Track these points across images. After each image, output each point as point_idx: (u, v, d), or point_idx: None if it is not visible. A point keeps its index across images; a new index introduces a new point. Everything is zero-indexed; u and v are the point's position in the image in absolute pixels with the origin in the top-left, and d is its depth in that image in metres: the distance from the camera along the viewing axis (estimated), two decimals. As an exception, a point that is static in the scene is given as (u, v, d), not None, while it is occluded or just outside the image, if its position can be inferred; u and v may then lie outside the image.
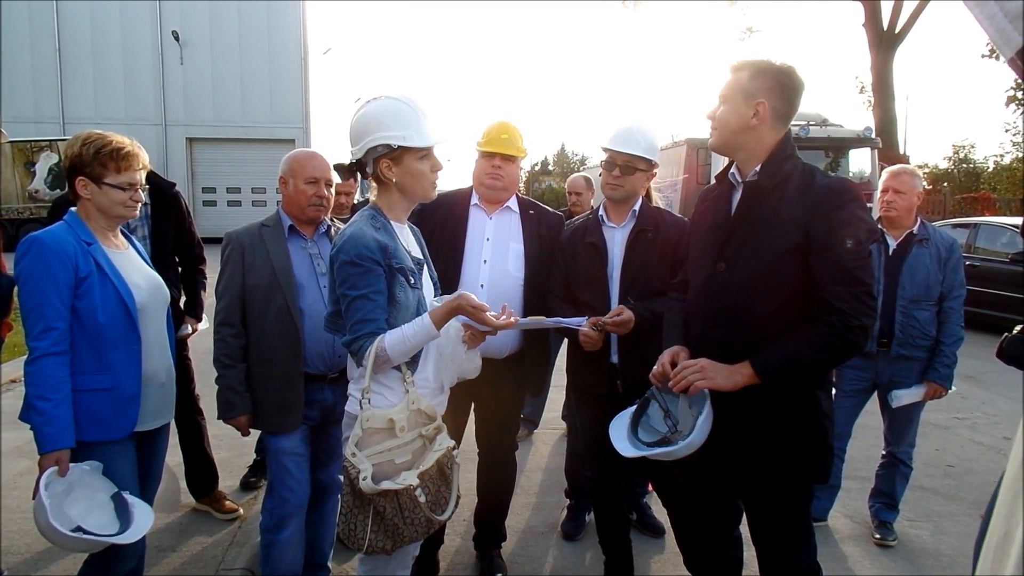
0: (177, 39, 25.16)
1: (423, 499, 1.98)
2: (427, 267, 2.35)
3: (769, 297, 2.06)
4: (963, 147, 33.78)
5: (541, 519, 3.92)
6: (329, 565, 3.08)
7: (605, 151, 2.86)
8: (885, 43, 19.39)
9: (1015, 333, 2.38)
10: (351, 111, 2.23)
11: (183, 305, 3.71)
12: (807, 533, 2.24)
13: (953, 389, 3.55)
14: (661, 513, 3.58)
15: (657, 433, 2.24)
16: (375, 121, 2.12)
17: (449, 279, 2.84)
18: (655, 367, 2.24)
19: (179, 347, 3.45)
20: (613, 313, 2.67)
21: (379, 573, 2.20)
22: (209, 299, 3.96)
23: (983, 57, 23.26)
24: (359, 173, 2.23)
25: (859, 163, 13.92)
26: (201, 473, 3.80)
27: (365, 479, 1.91)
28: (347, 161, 2.23)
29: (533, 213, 3.10)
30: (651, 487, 3.78)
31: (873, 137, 13.81)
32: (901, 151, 20.95)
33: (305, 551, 2.97)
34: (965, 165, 33.38)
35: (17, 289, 2.20)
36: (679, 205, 13.99)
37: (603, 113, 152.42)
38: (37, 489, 2.05)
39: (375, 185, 2.21)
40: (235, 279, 2.69)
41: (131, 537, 2.16)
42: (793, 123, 2.20)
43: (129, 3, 24.54)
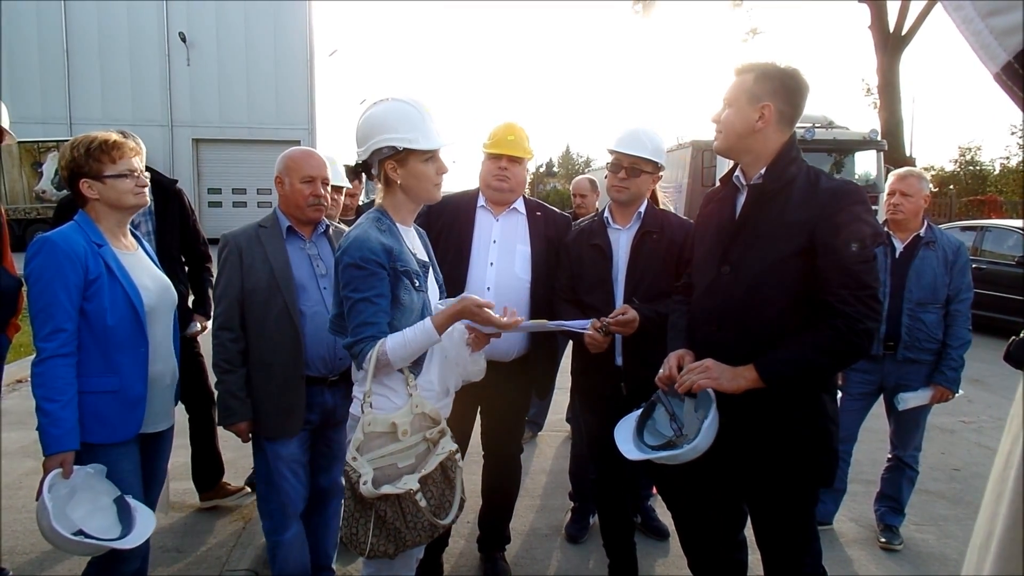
0: (184, 41, 25.24)
1: (424, 503, 1.98)
2: (432, 270, 2.35)
3: (774, 300, 2.06)
4: (969, 149, 33.62)
5: (545, 521, 3.92)
6: (333, 567, 3.08)
7: (611, 153, 2.86)
8: (891, 45, 19.34)
9: (1022, 336, 2.37)
10: (357, 113, 2.23)
11: (191, 303, 3.72)
12: (812, 537, 2.24)
13: (960, 393, 3.53)
14: (665, 516, 3.57)
15: (662, 437, 2.23)
16: (381, 123, 2.13)
17: (455, 281, 2.84)
18: (661, 370, 2.24)
19: (190, 344, 3.48)
20: (617, 312, 2.67)
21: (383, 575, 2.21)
22: (215, 298, 3.98)
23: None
24: (364, 174, 2.23)
25: (865, 165, 13.88)
26: (208, 466, 3.82)
27: (365, 483, 1.91)
28: (353, 163, 2.23)
29: (540, 215, 3.10)
30: (655, 490, 3.77)
31: (879, 139, 13.77)
32: (907, 153, 20.91)
33: (309, 554, 2.97)
34: (971, 168, 33.23)
35: (26, 289, 2.20)
36: (683, 208, 13.97)
37: (608, 115, 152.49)
38: (40, 491, 2.05)
39: (381, 187, 2.21)
40: (233, 282, 2.64)
41: (132, 542, 2.16)
42: (798, 125, 2.20)
43: (136, 5, 24.63)
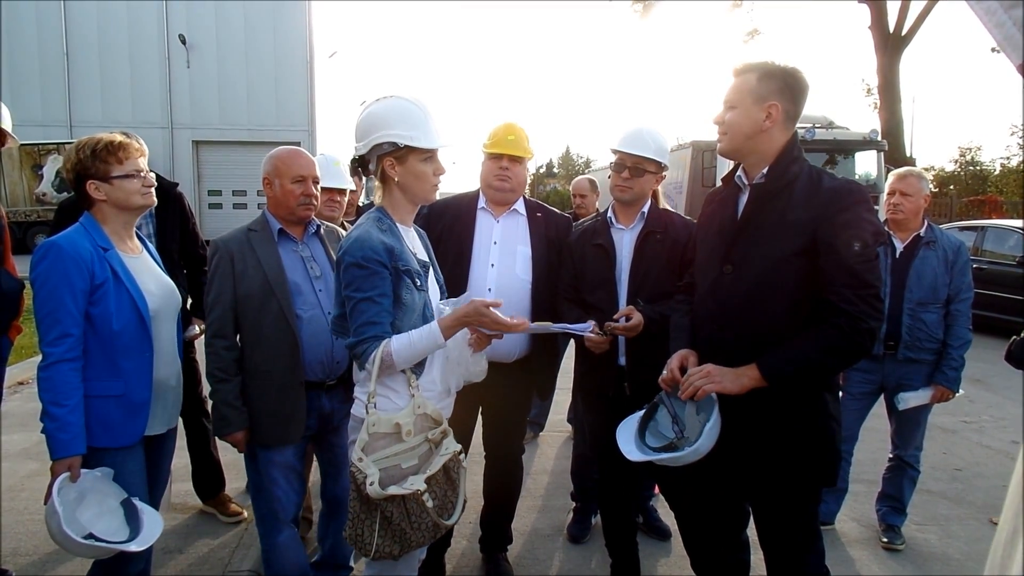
0: (184, 43, 25.22)
1: (431, 504, 1.98)
2: (433, 270, 2.35)
3: (776, 299, 2.06)
4: (970, 150, 33.64)
5: (547, 522, 3.92)
6: (351, 565, 3.08)
7: (615, 153, 2.86)
8: (891, 45, 19.35)
9: (1023, 336, 2.37)
10: (357, 114, 2.23)
11: (189, 306, 3.72)
12: (815, 536, 2.23)
13: (961, 392, 3.54)
14: (668, 516, 3.57)
15: (664, 438, 2.23)
16: (382, 119, 2.13)
17: (457, 283, 2.84)
18: (664, 372, 2.24)
19: (186, 349, 3.46)
20: (622, 314, 2.67)
21: None
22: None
23: (993, 51, 23.07)
24: (361, 171, 2.24)
25: (865, 166, 13.87)
26: (207, 475, 3.81)
27: (372, 484, 1.91)
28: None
29: (540, 215, 3.10)
30: (657, 490, 3.78)
31: (879, 139, 13.77)
32: (907, 154, 20.92)
33: (327, 554, 2.96)
34: (972, 168, 33.25)
35: (32, 293, 2.20)
36: (684, 208, 13.98)
37: (608, 116, 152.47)
38: (49, 495, 2.06)
39: (380, 186, 2.21)
40: (226, 289, 2.55)
41: (142, 544, 2.17)
42: (799, 125, 2.20)
43: (136, 7, 24.61)
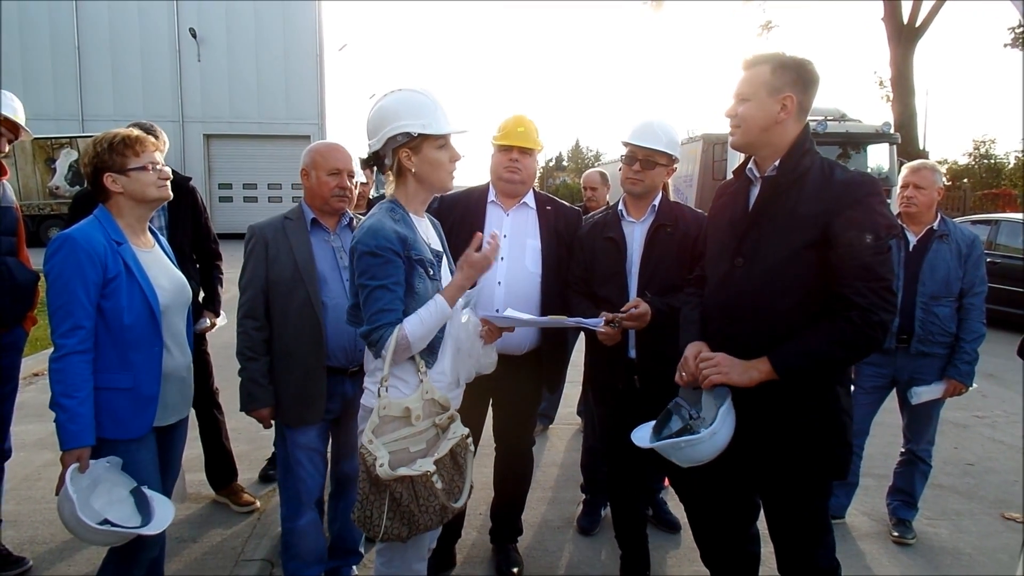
0: (194, 36, 25.33)
1: (439, 485, 2.01)
2: (447, 259, 2.37)
3: (788, 292, 2.06)
4: (984, 142, 33.24)
5: (557, 514, 3.93)
6: (361, 551, 3.12)
7: (626, 145, 2.85)
8: (905, 37, 19.17)
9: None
10: (366, 107, 2.24)
11: (201, 300, 3.75)
12: (825, 530, 2.23)
13: (974, 387, 3.52)
14: (677, 509, 3.58)
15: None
16: (393, 112, 2.14)
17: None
18: (679, 371, 2.23)
19: (198, 341, 3.50)
20: (630, 305, 2.67)
21: (396, 564, 2.22)
22: (226, 294, 4.00)
23: (1006, 46, 22.84)
24: (376, 167, 2.25)
25: (878, 158, 13.77)
26: (220, 466, 3.85)
27: (382, 465, 1.94)
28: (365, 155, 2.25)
29: (550, 208, 3.10)
30: (667, 483, 3.78)
31: (892, 132, 13.67)
32: (921, 146, 20.74)
33: (336, 539, 3.03)
34: (986, 161, 32.87)
35: (45, 285, 2.22)
36: (694, 201, 13.93)
37: (618, 109, 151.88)
38: (61, 484, 2.08)
39: (392, 179, 2.22)
40: (258, 272, 2.70)
41: (156, 528, 2.20)
42: (810, 118, 2.19)
43: (147, 2, 24.73)
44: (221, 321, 3.78)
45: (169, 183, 2.39)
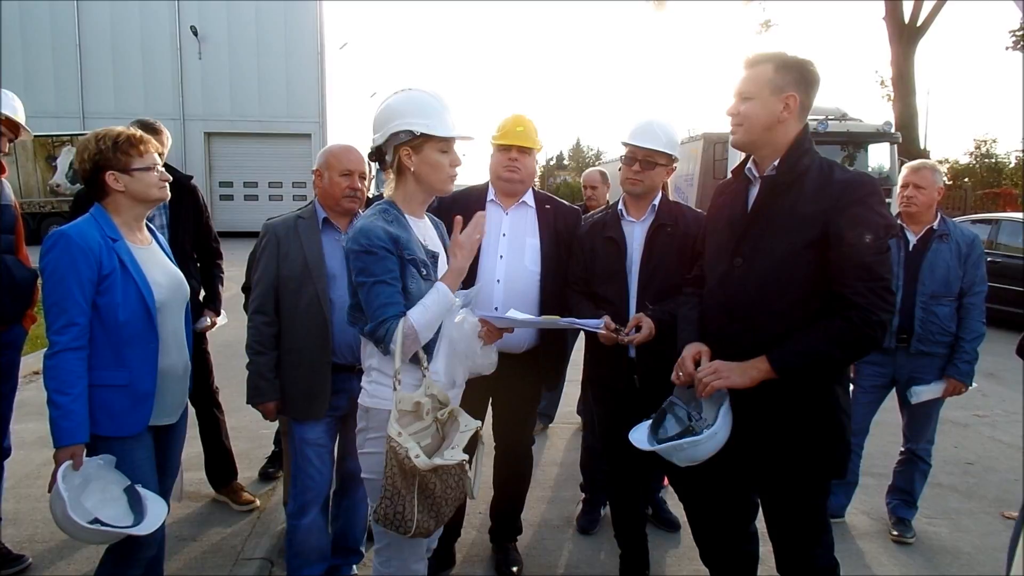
0: (195, 34, 25.31)
1: (471, 472, 2.04)
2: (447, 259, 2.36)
3: (787, 292, 2.06)
4: (985, 142, 33.16)
5: (556, 513, 3.93)
6: (362, 550, 3.13)
7: (625, 146, 2.85)
8: (906, 36, 19.14)
9: (1036, 330, 2.36)
10: (367, 106, 2.24)
11: (202, 299, 3.75)
12: (824, 528, 2.23)
13: (973, 386, 3.52)
14: (677, 508, 3.58)
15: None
16: (399, 110, 2.15)
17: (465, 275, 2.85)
18: (676, 371, 2.23)
19: (198, 340, 3.50)
20: (632, 325, 2.66)
21: (394, 564, 2.21)
22: (227, 292, 4.00)
23: (1007, 49, 22.83)
24: (378, 162, 2.25)
25: (879, 158, 13.76)
26: (219, 465, 3.85)
27: (418, 456, 1.91)
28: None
29: (549, 207, 3.10)
30: (667, 482, 3.78)
31: (893, 132, 13.65)
32: (922, 146, 20.72)
33: (338, 537, 3.05)
34: (987, 160, 32.80)
35: (41, 282, 2.22)
36: (694, 200, 13.91)
37: (618, 108, 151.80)
38: (53, 482, 2.08)
39: (392, 177, 2.23)
40: (270, 269, 2.77)
41: (146, 528, 2.19)
42: (811, 117, 2.19)
43: (148, 0, 24.76)
44: (221, 320, 3.78)
45: (168, 184, 2.39)
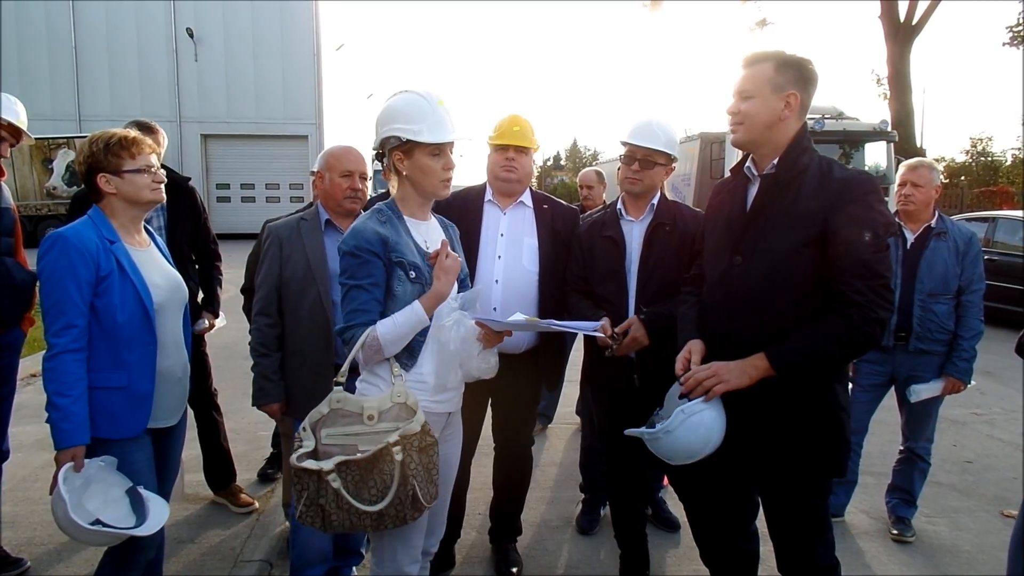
0: (191, 36, 25.29)
1: (335, 485, 1.93)
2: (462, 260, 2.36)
3: (786, 290, 2.06)
4: (981, 140, 33.21)
5: (556, 513, 3.93)
6: (362, 551, 3.12)
7: (625, 145, 2.85)
8: (902, 35, 19.20)
9: (1035, 327, 2.36)
10: (364, 107, 2.25)
11: (200, 300, 3.74)
12: (825, 527, 2.23)
13: (972, 384, 3.52)
14: (677, 507, 3.58)
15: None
16: (391, 114, 2.16)
17: (464, 275, 2.85)
18: (677, 365, 2.22)
19: (196, 342, 3.49)
20: (624, 327, 2.68)
21: (387, 565, 2.20)
22: (226, 294, 4.00)
23: (1004, 45, 22.87)
24: (383, 166, 2.25)
25: (875, 157, 13.77)
26: (218, 467, 3.84)
27: (296, 454, 1.97)
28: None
29: (547, 207, 3.10)
30: (666, 481, 3.78)
31: (889, 130, 13.66)
32: (918, 144, 20.76)
33: (338, 537, 3.00)
34: (983, 158, 32.86)
35: (39, 285, 2.22)
36: (692, 200, 13.92)
37: (614, 108, 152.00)
38: (54, 484, 2.08)
39: (394, 178, 2.23)
40: (272, 271, 2.78)
41: (149, 529, 2.19)
42: (807, 116, 2.20)
43: (144, 2, 24.69)
44: (220, 322, 3.77)
45: (163, 186, 2.38)
